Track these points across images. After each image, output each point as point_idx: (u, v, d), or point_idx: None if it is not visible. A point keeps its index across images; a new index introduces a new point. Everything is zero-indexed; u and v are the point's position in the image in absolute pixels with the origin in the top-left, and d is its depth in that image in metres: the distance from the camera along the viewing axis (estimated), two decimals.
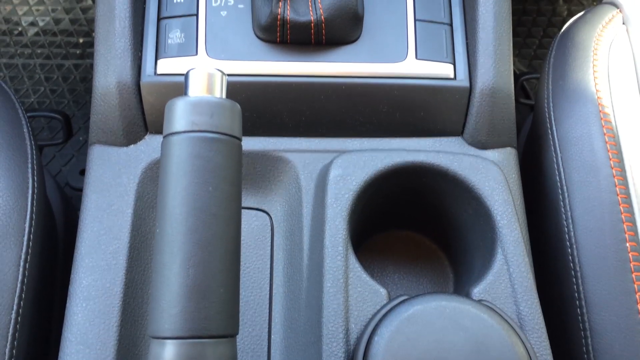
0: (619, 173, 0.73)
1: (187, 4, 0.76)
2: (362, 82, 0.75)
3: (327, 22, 0.72)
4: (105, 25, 0.75)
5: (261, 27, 0.73)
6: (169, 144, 0.49)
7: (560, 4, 1.72)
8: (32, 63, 1.54)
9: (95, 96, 0.74)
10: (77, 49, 1.56)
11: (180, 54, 0.74)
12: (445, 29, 0.78)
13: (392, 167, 0.71)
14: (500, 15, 0.77)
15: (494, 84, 0.75)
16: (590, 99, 0.78)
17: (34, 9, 1.61)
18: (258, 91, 0.74)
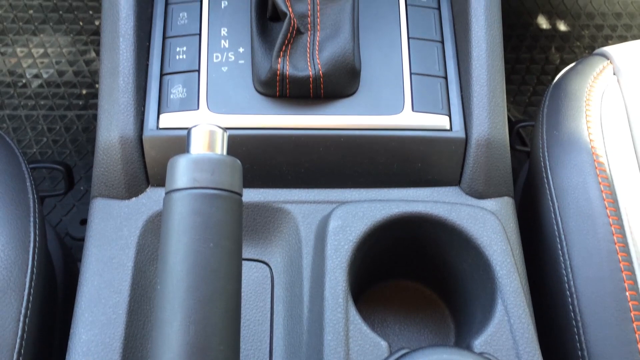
0: (615, 222, 0.73)
1: (189, 60, 0.79)
2: (360, 134, 0.76)
3: (326, 77, 0.74)
4: (109, 81, 0.77)
5: (261, 82, 0.75)
6: (171, 201, 0.50)
7: (552, 53, 1.76)
8: (35, 114, 1.56)
9: (98, 150, 0.75)
10: (80, 100, 1.59)
11: (182, 109, 0.76)
12: (440, 82, 0.80)
13: (390, 217, 0.72)
14: (494, 69, 0.79)
15: (489, 134, 0.77)
16: (585, 148, 0.79)
17: (38, 62, 1.64)
18: (258, 144, 0.76)
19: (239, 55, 0.79)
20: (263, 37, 0.78)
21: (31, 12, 1.69)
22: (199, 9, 0.82)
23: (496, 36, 0.81)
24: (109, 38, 0.78)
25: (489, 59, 0.79)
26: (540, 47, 1.76)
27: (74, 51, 1.66)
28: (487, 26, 0.80)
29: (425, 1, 0.86)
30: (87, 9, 1.71)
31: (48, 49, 1.65)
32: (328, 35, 0.76)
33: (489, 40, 0.79)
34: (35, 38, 1.66)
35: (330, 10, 0.77)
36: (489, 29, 0.80)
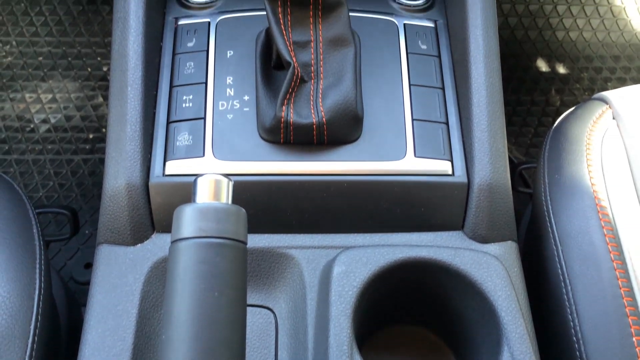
0: (619, 266, 0.73)
1: (195, 108, 0.80)
2: (363, 179, 0.77)
3: (329, 123, 0.76)
4: (117, 129, 0.78)
5: (266, 129, 0.77)
6: (177, 250, 0.50)
7: (552, 95, 1.78)
8: (42, 158, 1.58)
9: (105, 197, 0.76)
10: (86, 144, 1.61)
11: (188, 156, 0.77)
12: (442, 128, 0.81)
13: (394, 263, 0.72)
14: (494, 114, 0.80)
15: (491, 179, 0.78)
16: (587, 193, 0.80)
17: (47, 107, 1.67)
18: (263, 190, 0.77)
19: (244, 103, 0.81)
20: (267, 86, 0.80)
21: (41, 58, 1.73)
22: (205, 58, 0.84)
23: (495, 83, 0.82)
24: (118, 87, 0.80)
25: (489, 105, 0.80)
26: (541, 90, 1.78)
27: (81, 96, 1.69)
28: (487, 73, 0.82)
29: (426, 49, 0.88)
30: (95, 55, 1.75)
31: (56, 94, 1.69)
32: (331, 83, 0.78)
33: (489, 87, 0.81)
34: (44, 84, 1.70)
35: (332, 59, 0.79)
36: (489, 76, 0.82)
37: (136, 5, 0.82)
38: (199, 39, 0.86)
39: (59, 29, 1.77)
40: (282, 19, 0.78)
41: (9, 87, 1.69)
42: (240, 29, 0.87)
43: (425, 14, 0.92)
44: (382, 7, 0.92)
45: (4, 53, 1.74)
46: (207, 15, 0.89)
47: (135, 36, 0.81)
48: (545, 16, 1.84)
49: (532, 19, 1.84)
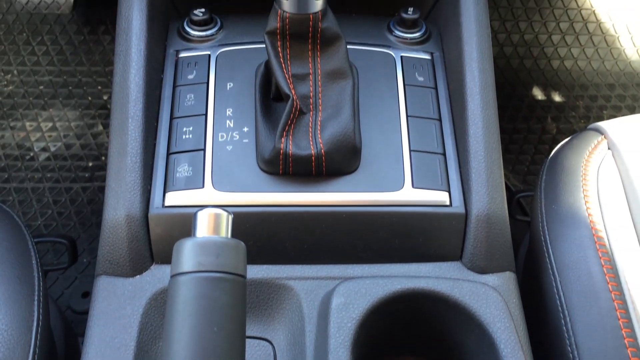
0: (618, 297, 0.73)
1: (195, 140, 0.81)
2: (362, 210, 0.78)
3: (327, 155, 0.76)
4: (117, 160, 0.79)
5: (265, 160, 0.78)
6: (176, 284, 0.50)
7: (549, 123, 1.80)
8: (42, 187, 1.59)
9: (105, 229, 0.76)
10: (86, 173, 1.62)
11: (187, 187, 0.78)
12: (439, 159, 0.82)
13: (393, 294, 0.72)
14: (490, 145, 0.81)
15: (489, 210, 0.78)
16: (584, 223, 0.80)
17: (47, 135, 1.68)
18: (262, 221, 0.77)
19: (243, 135, 0.82)
20: (267, 117, 0.81)
21: (42, 87, 1.75)
22: (205, 90, 0.85)
23: (491, 114, 0.84)
24: (119, 119, 0.81)
25: (485, 136, 0.81)
26: (537, 118, 1.80)
27: (81, 125, 1.71)
28: (483, 105, 0.83)
29: (422, 81, 0.89)
30: (96, 84, 1.77)
31: (57, 123, 1.70)
32: (329, 115, 0.79)
33: (485, 119, 0.82)
34: (44, 112, 1.71)
35: (331, 91, 0.80)
36: (485, 108, 0.83)
37: (138, 39, 0.84)
38: (199, 71, 0.87)
39: (60, 58, 1.79)
40: (282, 53, 0.79)
41: (10, 116, 1.70)
42: (240, 62, 0.89)
43: (422, 46, 0.93)
44: (379, 40, 0.93)
45: (5, 82, 1.76)
46: (208, 48, 0.90)
47: (136, 69, 0.82)
48: (540, 45, 1.87)
49: (527, 48, 1.87)
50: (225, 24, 0.93)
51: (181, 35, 0.92)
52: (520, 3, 1.87)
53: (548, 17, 1.87)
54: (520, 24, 1.88)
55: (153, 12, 0.88)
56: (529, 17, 1.87)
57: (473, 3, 0.89)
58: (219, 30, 0.92)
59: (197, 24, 0.92)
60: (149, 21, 0.86)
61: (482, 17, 0.89)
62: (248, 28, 0.93)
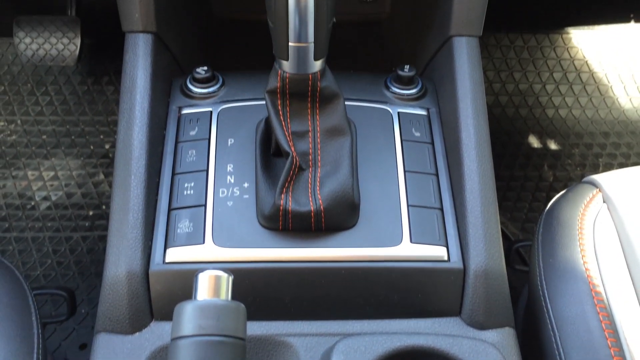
0: (617, 353, 0.73)
1: (196, 196, 0.82)
2: (361, 266, 0.78)
3: (326, 211, 0.77)
4: (119, 216, 0.80)
5: (265, 216, 0.79)
6: (177, 348, 0.51)
7: (545, 170, 1.82)
8: (42, 236, 1.59)
9: (105, 286, 0.77)
10: (86, 221, 1.62)
11: (188, 243, 0.79)
12: (436, 213, 0.83)
13: (393, 351, 0.72)
14: (487, 200, 0.83)
15: (487, 265, 0.79)
16: (581, 278, 0.81)
17: (48, 184, 1.70)
18: (261, 277, 0.78)
19: (243, 190, 0.83)
20: (267, 173, 0.83)
21: (44, 137, 1.78)
22: (206, 146, 0.87)
23: (487, 169, 0.85)
24: (122, 176, 0.82)
25: (481, 191, 0.83)
26: (533, 165, 1.82)
27: (83, 174, 1.72)
28: (478, 160, 0.85)
29: (419, 136, 0.91)
30: (98, 133, 1.80)
31: (58, 172, 1.72)
32: (328, 171, 0.80)
33: (481, 174, 0.84)
34: (46, 161, 1.73)
35: (330, 148, 0.82)
36: (480, 163, 0.85)
37: (142, 97, 0.86)
38: (201, 128, 0.89)
39: (64, 108, 1.82)
40: (282, 111, 0.81)
41: (12, 165, 1.72)
42: (241, 118, 0.91)
43: (418, 102, 0.96)
44: (376, 96, 0.96)
45: (9, 132, 1.79)
46: (209, 104, 0.93)
47: (140, 126, 0.84)
48: (535, 94, 1.91)
49: (522, 97, 1.91)
50: (226, 80, 0.96)
51: (184, 92, 0.94)
52: (514, 54, 1.92)
53: (542, 67, 1.92)
54: (515, 74, 1.92)
55: (157, 71, 0.90)
56: (523, 67, 1.92)
57: (467, 61, 0.92)
58: (221, 87, 0.95)
59: (199, 81, 0.94)
60: (152, 80, 0.88)
61: (476, 75, 0.92)
62: (249, 85, 0.95)
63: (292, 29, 0.72)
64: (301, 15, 0.71)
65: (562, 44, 1.93)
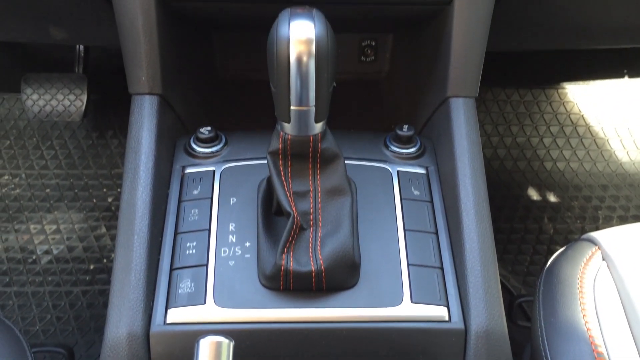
0: None
1: (198, 255, 0.83)
2: (361, 327, 0.78)
3: (327, 271, 0.78)
4: (121, 277, 0.80)
5: (266, 276, 0.79)
6: None
7: (545, 223, 1.83)
8: (42, 290, 1.59)
9: (105, 348, 0.77)
10: (87, 275, 1.62)
11: (189, 303, 0.79)
12: (437, 273, 0.84)
13: None
14: (487, 260, 0.83)
15: (488, 326, 0.79)
16: (582, 338, 0.80)
17: (50, 238, 1.70)
18: (263, 338, 0.78)
19: (245, 250, 0.84)
20: (268, 232, 0.84)
21: (48, 190, 1.80)
22: (209, 205, 0.89)
23: (486, 228, 0.86)
24: (125, 235, 0.83)
25: (481, 251, 0.83)
26: (533, 218, 1.83)
27: (85, 227, 1.73)
28: (477, 220, 0.86)
29: (418, 195, 0.92)
30: (101, 186, 1.82)
31: (61, 225, 1.73)
32: (329, 231, 0.81)
33: (480, 234, 0.85)
34: (49, 215, 1.74)
35: (330, 207, 0.83)
36: (479, 222, 0.86)
37: (147, 158, 0.88)
38: (204, 187, 0.91)
39: (68, 162, 1.85)
40: (283, 171, 0.83)
41: (15, 219, 1.73)
42: (243, 177, 0.92)
43: (417, 161, 0.97)
44: (376, 155, 0.98)
45: (13, 185, 1.81)
46: (212, 163, 0.95)
47: (144, 187, 0.86)
48: (533, 148, 1.94)
49: (520, 150, 1.93)
50: (229, 140, 0.98)
51: (187, 152, 0.96)
52: (511, 108, 1.96)
53: (538, 121, 1.95)
54: (512, 128, 1.95)
55: (162, 132, 0.93)
56: (520, 121, 1.95)
57: (464, 122, 0.94)
58: (224, 147, 0.97)
59: (203, 141, 0.96)
60: (157, 140, 0.91)
61: (473, 135, 0.94)
62: (251, 144, 0.97)
63: (293, 93, 0.74)
64: (302, 80, 0.73)
65: (558, 98, 1.97)
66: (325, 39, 0.72)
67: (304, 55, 0.71)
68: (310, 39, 0.71)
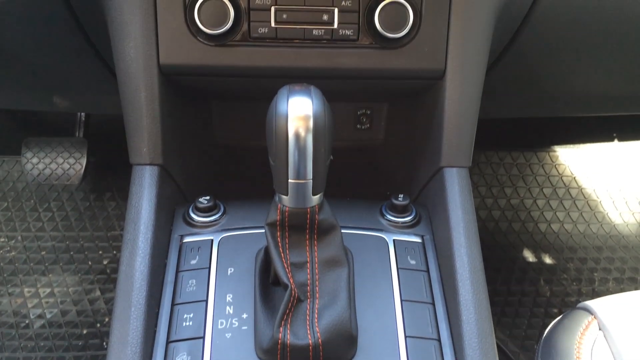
0: None
1: (195, 327, 0.83)
2: None
3: (325, 344, 0.78)
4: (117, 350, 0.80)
5: (263, 350, 0.79)
6: None
7: (542, 285, 1.83)
8: (34, 356, 1.56)
9: None
10: (79, 340, 1.60)
11: None
12: (434, 345, 0.84)
13: None
14: (484, 332, 0.83)
15: None
16: None
17: (44, 301, 1.69)
18: None
19: (242, 322, 0.84)
20: (265, 304, 0.84)
21: (43, 253, 1.79)
22: (207, 275, 0.89)
23: (482, 299, 0.86)
24: (122, 307, 0.83)
25: (478, 322, 0.84)
26: (530, 280, 1.83)
27: (79, 290, 1.72)
28: (473, 290, 0.86)
29: (415, 264, 0.93)
30: (97, 249, 1.82)
31: (55, 289, 1.71)
32: (326, 303, 0.81)
33: (476, 304, 0.85)
34: (44, 278, 1.73)
35: (328, 279, 0.84)
36: (475, 293, 0.86)
37: (146, 228, 0.89)
38: (201, 257, 0.91)
39: (65, 224, 1.85)
40: (281, 243, 0.84)
41: (9, 282, 1.72)
42: (241, 246, 0.93)
43: (413, 229, 0.99)
44: (372, 223, 0.99)
45: (9, 248, 1.80)
46: (211, 232, 0.95)
47: (142, 257, 0.86)
48: (527, 209, 1.96)
49: (515, 211, 1.96)
50: (228, 209, 0.99)
51: (186, 221, 0.97)
52: (504, 170, 2.00)
53: (531, 183, 1.98)
54: (506, 189, 1.98)
55: (161, 201, 0.94)
56: (514, 183, 1.98)
57: (458, 192, 0.96)
58: (222, 216, 0.98)
59: (201, 210, 0.97)
60: (157, 211, 0.92)
61: (467, 204, 0.95)
62: (249, 213, 0.99)
63: (291, 167, 0.76)
64: (300, 155, 0.75)
65: (550, 161, 2.01)
66: (322, 115, 0.75)
67: (302, 131, 0.74)
68: (308, 115, 0.74)
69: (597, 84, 1.24)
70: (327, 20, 0.93)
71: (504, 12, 0.97)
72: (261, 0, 0.92)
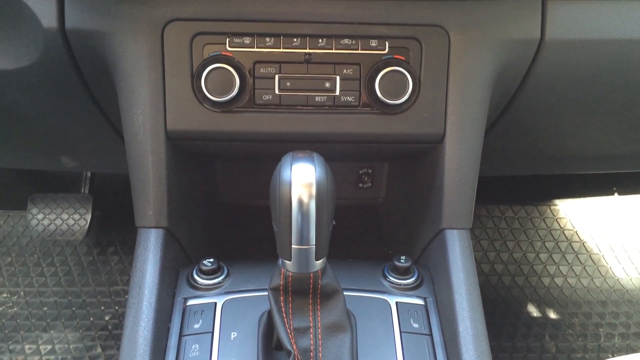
0: None
1: None
2: None
3: None
4: None
5: None
6: None
7: (547, 341, 1.81)
8: None
9: None
10: None
11: None
12: None
13: None
14: None
15: None
16: None
17: (44, 358, 1.67)
18: None
19: None
20: None
21: (45, 308, 1.79)
22: (210, 340, 0.89)
23: None
24: None
25: None
26: (534, 336, 1.81)
27: (80, 347, 1.71)
28: (477, 354, 0.86)
29: (417, 327, 0.93)
30: (99, 304, 1.81)
31: (56, 345, 1.70)
32: None
33: None
34: (45, 334, 1.72)
35: (331, 344, 0.84)
36: (479, 356, 0.86)
37: (150, 292, 0.90)
38: (205, 320, 0.92)
39: (68, 279, 1.85)
40: (284, 307, 0.84)
41: (10, 339, 1.71)
42: (244, 310, 0.93)
43: (415, 291, 0.99)
44: (374, 285, 0.99)
45: (11, 303, 1.80)
46: (214, 295, 0.96)
47: (146, 322, 0.87)
48: (529, 263, 1.96)
49: (517, 265, 1.95)
50: (231, 271, 1.00)
51: (190, 284, 0.98)
52: (505, 224, 2.00)
53: (533, 236, 1.99)
54: (508, 243, 1.98)
55: (166, 264, 0.95)
56: (515, 236, 1.99)
57: (459, 254, 0.97)
58: (226, 278, 0.99)
59: (205, 272, 0.98)
60: (161, 274, 0.93)
61: (469, 266, 0.96)
62: (253, 275, 0.99)
63: (295, 233, 0.77)
64: (304, 221, 0.77)
65: (551, 215, 2.02)
66: (325, 182, 0.76)
67: (305, 198, 0.75)
68: (311, 182, 0.75)
69: (595, 144, 1.27)
70: (329, 87, 0.96)
71: (501, 77, 1.00)
72: (266, 69, 0.95)
